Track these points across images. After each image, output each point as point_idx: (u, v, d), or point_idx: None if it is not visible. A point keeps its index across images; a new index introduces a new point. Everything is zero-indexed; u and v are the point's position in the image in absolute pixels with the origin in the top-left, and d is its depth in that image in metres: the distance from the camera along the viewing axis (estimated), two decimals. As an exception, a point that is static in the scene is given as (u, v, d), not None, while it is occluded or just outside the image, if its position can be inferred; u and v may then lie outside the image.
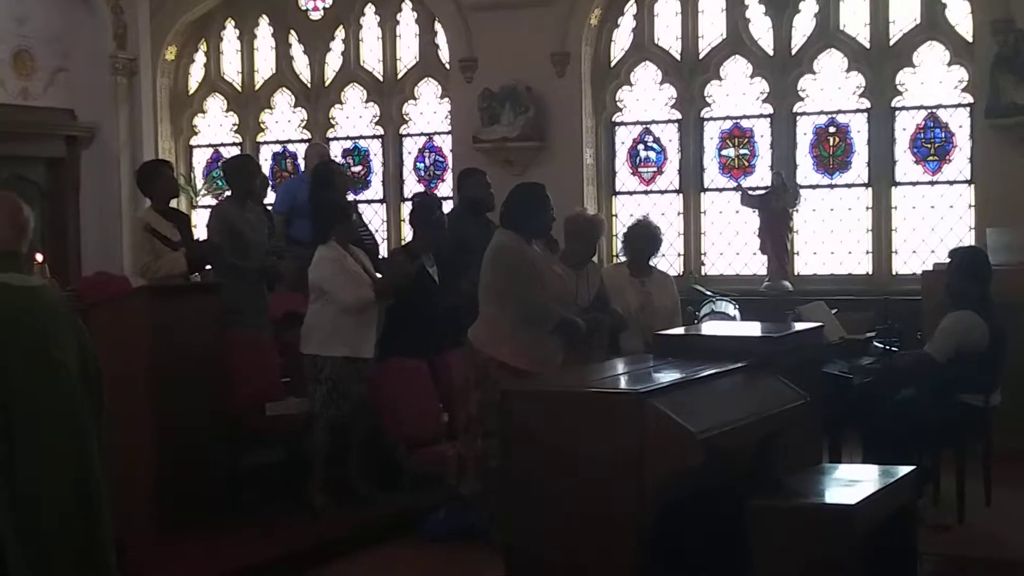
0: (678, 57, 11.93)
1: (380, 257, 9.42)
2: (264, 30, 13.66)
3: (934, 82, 11.06)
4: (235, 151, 13.38)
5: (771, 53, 11.59)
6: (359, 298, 7.92)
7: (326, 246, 8.07)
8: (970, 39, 10.77)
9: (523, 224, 7.30)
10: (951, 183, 11.03)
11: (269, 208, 10.47)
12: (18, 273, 4.89)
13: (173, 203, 9.43)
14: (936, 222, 11.06)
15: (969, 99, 10.86)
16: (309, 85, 13.44)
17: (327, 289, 7.96)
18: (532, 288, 7.13)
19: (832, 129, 11.43)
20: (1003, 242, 9.83)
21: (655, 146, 12.08)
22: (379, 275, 8.29)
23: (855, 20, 11.31)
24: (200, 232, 9.67)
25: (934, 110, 11.07)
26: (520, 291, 7.15)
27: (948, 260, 8.24)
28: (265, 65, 13.71)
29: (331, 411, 7.94)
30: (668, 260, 11.85)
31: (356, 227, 8.36)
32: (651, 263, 8.65)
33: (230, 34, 13.79)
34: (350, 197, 10.52)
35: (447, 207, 9.68)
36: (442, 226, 8.92)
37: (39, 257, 8.03)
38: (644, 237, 8.57)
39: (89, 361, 5.02)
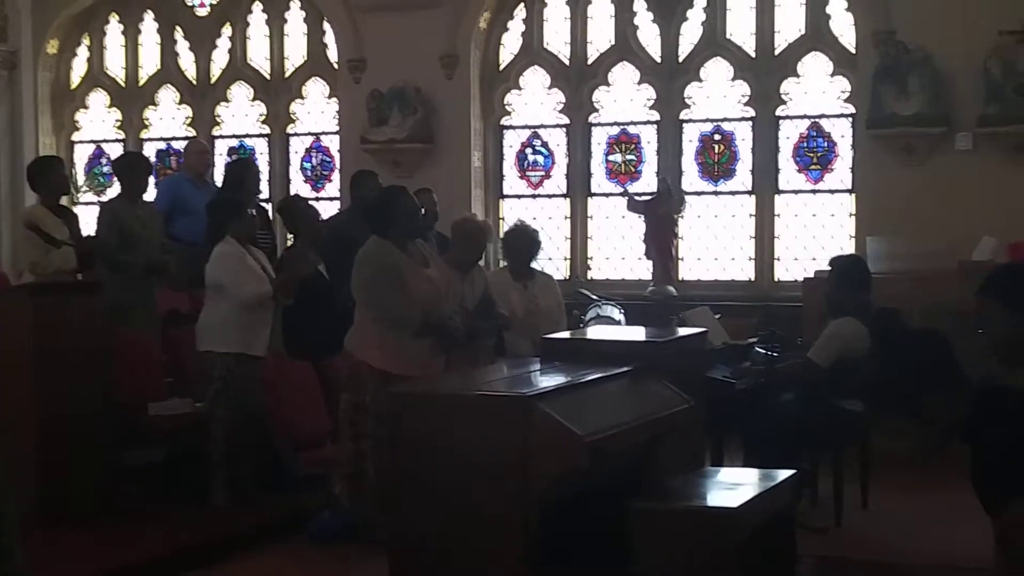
0: (567, 62, 12.00)
1: (278, 257, 9.35)
2: (149, 25, 13.48)
3: (817, 92, 11.25)
4: (118, 147, 13.22)
5: (659, 60, 11.70)
6: (258, 293, 7.89)
7: (224, 242, 8.01)
8: (853, 50, 10.97)
9: (384, 228, 7.26)
10: (833, 192, 11.23)
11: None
12: None
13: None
14: (818, 230, 11.25)
15: (851, 109, 11.06)
16: (195, 82, 13.30)
17: (226, 284, 7.90)
18: (393, 293, 7.09)
19: (717, 136, 11.57)
20: (883, 251, 10.01)
21: (543, 150, 12.13)
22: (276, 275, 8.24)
23: (741, 29, 11.46)
24: (89, 229, 9.51)
25: (817, 119, 11.26)
26: (380, 296, 7.14)
27: (829, 268, 8.36)
28: (150, 61, 13.53)
29: (222, 409, 7.87)
30: (555, 264, 11.92)
31: (254, 226, 8.31)
32: (532, 266, 8.68)
33: (114, 28, 13.59)
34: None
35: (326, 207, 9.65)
36: (313, 218, 8.90)
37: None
38: (523, 241, 8.60)
39: None
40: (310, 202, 9.86)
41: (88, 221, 9.65)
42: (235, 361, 7.88)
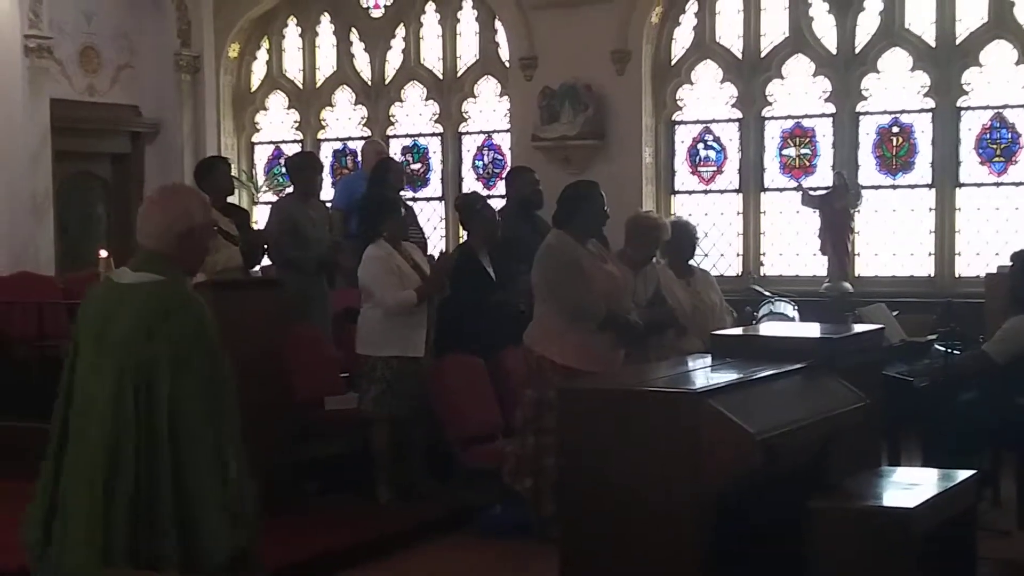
0: (739, 55, 11.87)
1: (427, 255, 9.42)
2: (326, 28, 13.76)
3: (1001, 81, 10.94)
4: (296, 148, 13.48)
5: (834, 52, 11.50)
6: (401, 301, 7.93)
7: (375, 245, 8.10)
8: (1038, 38, 10.66)
9: (570, 222, 7.28)
10: (1017, 184, 10.91)
11: (328, 204, 10.53)
12: (144, 272, 4.67)
13: (232, 199, 9.48)
14: (1001, 224, 10.94)
15: (1037, 99, 10.74)
16: (370, 83, 13.51)
17: (372, 290, 8.01)
18: (576, 287, 7.10)
19: (896, 129, 11.33)
20: (1069, 245, 9.70)
21: (715, 145, 12.02)
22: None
23: (920, 18, 11.20)
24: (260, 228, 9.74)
25: (1000, 110, 10.94)
26: (564, 290, 7.14)
27: (1011, 263, 8.15)
28: (326, 63, 13.81)
29: (385, 410, 7.97)
30: (727, 260, 11.80)
31: (406, 224, 8.36)
32: (690, 263, 8.59)
33: (292, 32, 13.91)
34: (407, 195, 10.59)
35: (497, 205, 9.64)
36: (487, 217, 8.90)
37: (103, 252, 8.05)
38: (682, 238, 8.50)
39: (179, 355, 4.85)
40: (487, 200, 9.87)
41: (265, 221, 9.86)
42: (396, 363, 7.96)
